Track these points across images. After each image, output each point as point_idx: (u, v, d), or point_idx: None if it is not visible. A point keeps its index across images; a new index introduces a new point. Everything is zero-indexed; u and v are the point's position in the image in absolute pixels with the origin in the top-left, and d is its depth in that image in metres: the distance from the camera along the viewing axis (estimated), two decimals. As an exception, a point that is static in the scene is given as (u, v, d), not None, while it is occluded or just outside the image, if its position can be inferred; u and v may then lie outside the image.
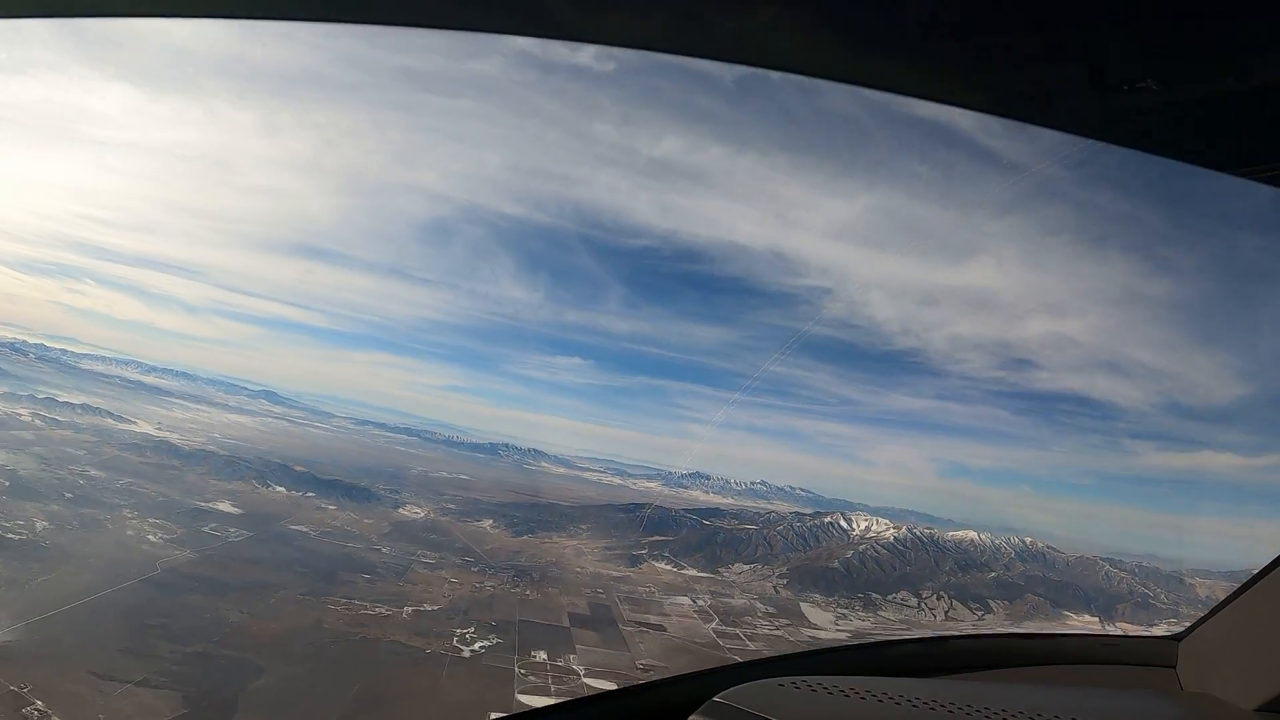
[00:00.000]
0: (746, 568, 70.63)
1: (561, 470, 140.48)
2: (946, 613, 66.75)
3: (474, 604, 49.23)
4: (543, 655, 43.00)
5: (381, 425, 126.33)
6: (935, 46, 0.88)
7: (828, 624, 57.18)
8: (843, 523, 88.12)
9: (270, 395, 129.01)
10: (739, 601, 56.83)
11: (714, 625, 51.43)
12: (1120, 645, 2.00)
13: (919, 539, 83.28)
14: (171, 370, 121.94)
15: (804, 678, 1.41)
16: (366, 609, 44.29)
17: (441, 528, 63.61)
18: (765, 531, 79.81)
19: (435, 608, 47.15)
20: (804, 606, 58.75)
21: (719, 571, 66.83)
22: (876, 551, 76.45)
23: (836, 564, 73.07)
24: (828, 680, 1.41)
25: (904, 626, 62.15)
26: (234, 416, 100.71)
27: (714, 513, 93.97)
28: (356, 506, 65.10)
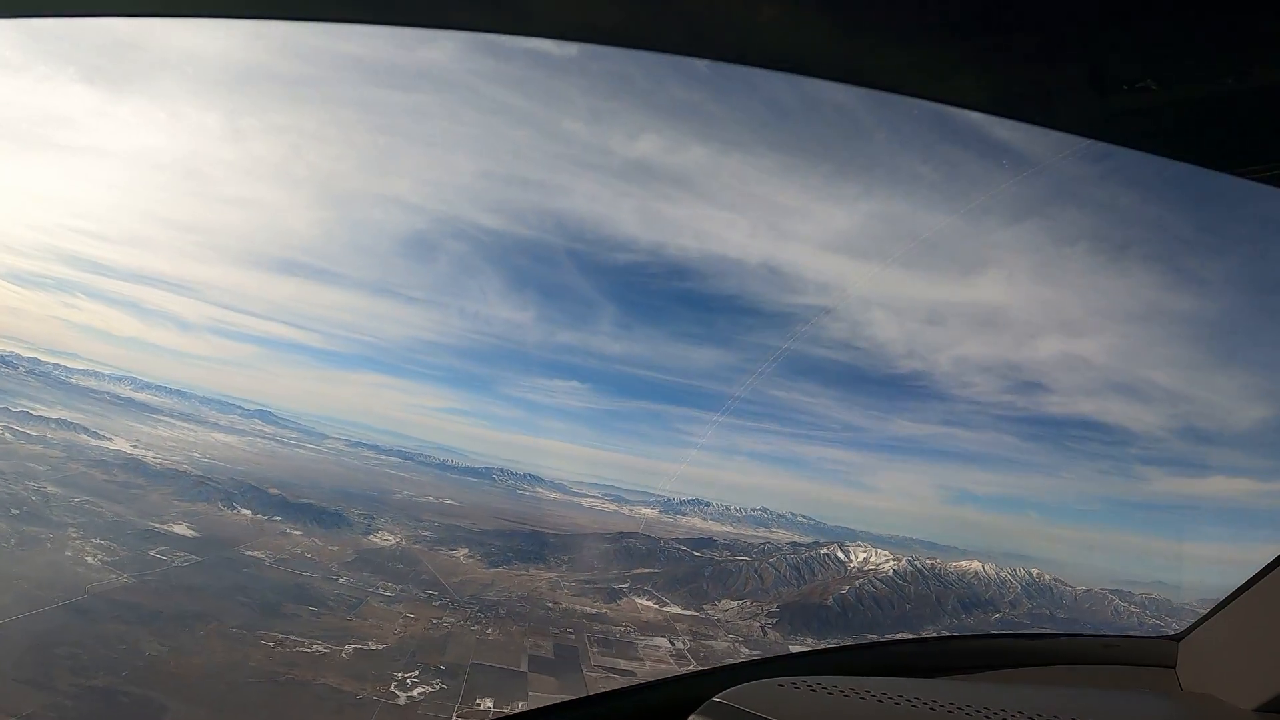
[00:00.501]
0: (734, 604, 65.83)
1: (556, 496, 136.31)
2: (951, 660, 60.91)
3: (426, 643, 45.46)
4: (489, 703, 39.00)
5: (376, 447, 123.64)
6: (935, 45, 0.88)
7: (817, 671, 52.10)
8: (840, 554, 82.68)
9: (265, 415, 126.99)
10: (721, 645, 52.12)
11: (690, 671, 46.71)
12: (1120, 646, 1.97)
13: (920, 571, 77.56)
14: (166, 387, 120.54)
15: (804, 677, 1.40)
16: (303, 646, 40.84)
17: (411, 557, 60.20)
18: (758, 564, 74.71)
19: (380, 646, 43.51)
20: (793, 651, 53.27)
21: (705, 609, 62.16)
22: (874, 586, 71.07)
23: (831, 601, 67.84)
24: (827, 680, 1.39)
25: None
26: (222, 436, 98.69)
27: (706, 543, 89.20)
28: (323, 532, 62.19)
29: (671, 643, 51.18)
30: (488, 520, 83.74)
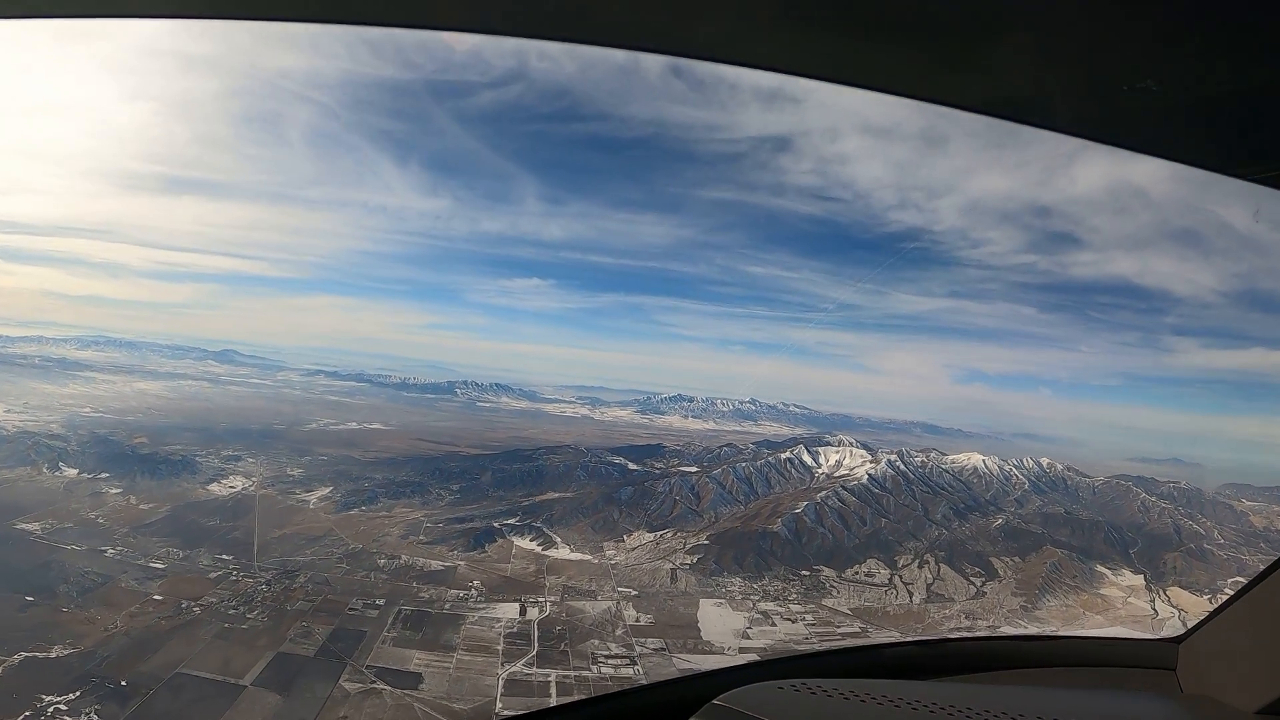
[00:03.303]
0: (651, 537, 50.12)
1: (521, 405, 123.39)
2: (930, 587, 43.47)
3: (138, 643, 33.11)
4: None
5: (335, 373, 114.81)
6: (932, 46, 0.87)
7: (728, 638, 35.95)
8: (806, 457, 64.74)
9: (226, 355, 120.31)
10: (599, 608, 36.73)
11: (516, 669, 31.60)
12: (1120, 647, 1.96)
13: (904, 474, 58.83)
14: (116, 341, 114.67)
15: (804, 680, 1.39)
16: (-54, 658, 29.10)
17: (243, 508, 48.50)
18: (696, 479, 58.25)
19: (67, 653, 32.26)
20: (704, 607, 37.99)
21: (606, 546, 46.95)
22: (840, 500, 53.33)
23: (779, 526, 50.68)
24: (827, 682, 1.38)
25: (859, 628, 40.12)
26: (146, 384, 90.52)
27: (650, 451, 72.97)
28: (152, 485, 52.11)
29: (522, 611, 36.18)
30: (405, 445, 70.96)
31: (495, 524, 46.94)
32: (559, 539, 44.86)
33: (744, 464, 56.96)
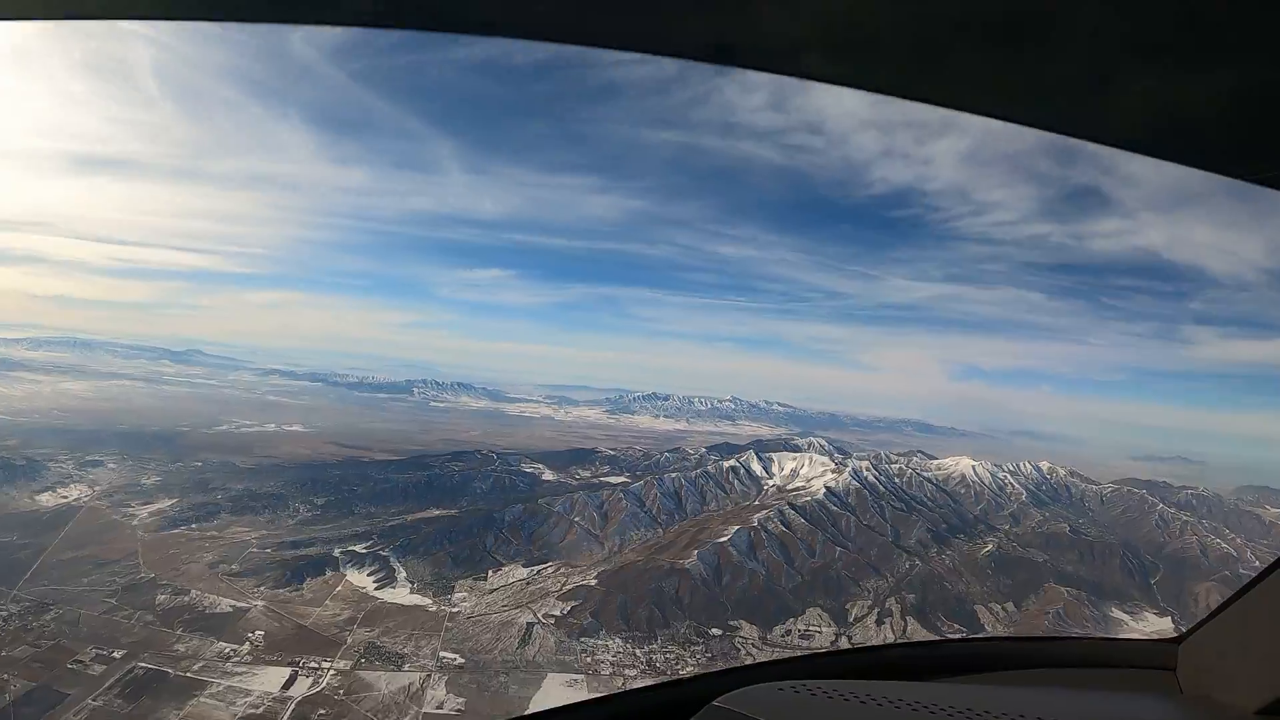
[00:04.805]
0: (524, 573, 38.51)
1: (480, 405, 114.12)
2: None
3: None
4: None
5: (290, 373, 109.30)
6: (927, 49, 0.85)
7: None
8: (755, 466, 51.91)
9: (186, 355, 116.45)
10: (397, 682, 26.06)
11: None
12: (1120, 648, 1.89)
13: (873, 486, 45.57)
14: (72, 341, 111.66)
15: (804, 682, 1.36)
16: None
17: (61, 520, 39.69)
18: (608, 496, 45.88)
19: None
20: (549, 688, 25.88)
21: (460, 586, 35.81)
22: (784, 522, 40.36)
23: (694, 560, 37.81)
24: (826, 684, 1.35)
25: None
26: (75, 385, 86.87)
27: (579, 457, 61.06)
28: None
29: (289, 681, 25.87)
30: (311, 449, 62.17)
31: (336, 551, 37.13)
32: (403, 573, 34.59)
33: (674, 475, 45.13)
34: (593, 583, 33.24)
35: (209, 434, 60.35)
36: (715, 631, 30.82)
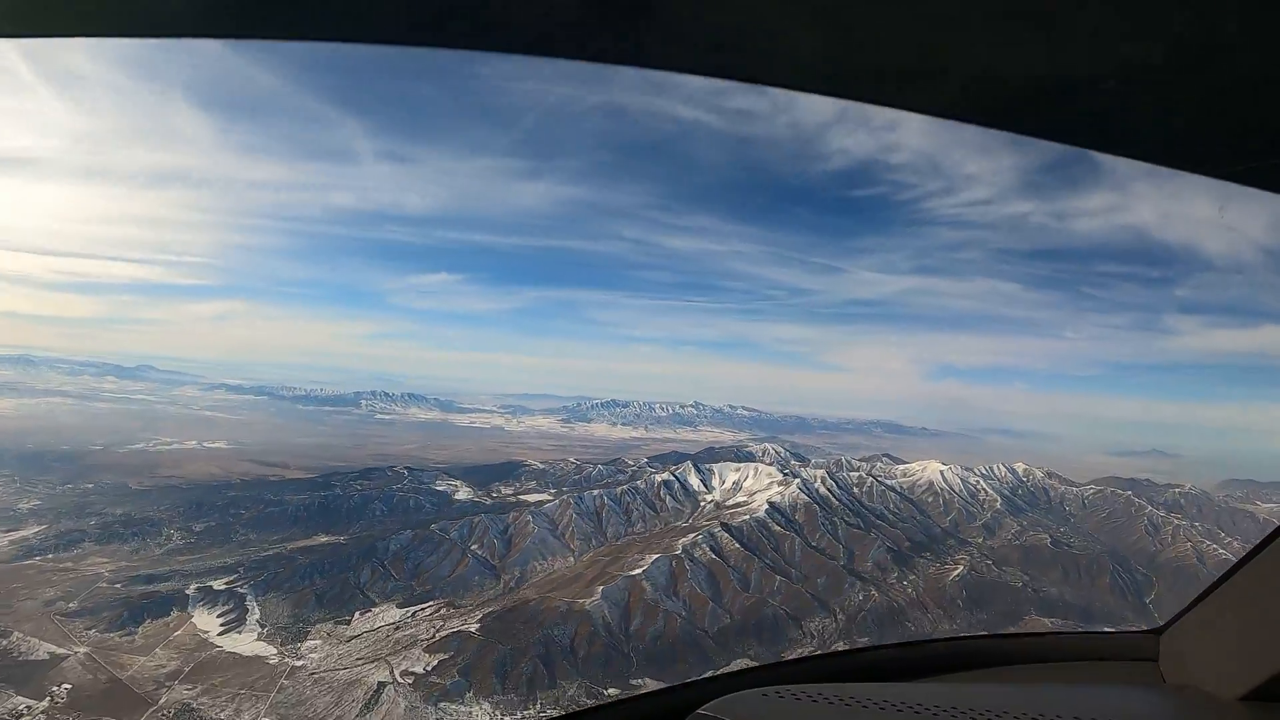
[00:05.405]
0: (397, 615, 32.53)
1: (428, 416, 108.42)
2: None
3: None
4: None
5: (237, 387, 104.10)
6: (912, 53, 0.83)
7: None
8: (693, 480, 45.75)
9: (137, 371, 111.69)
10: None
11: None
12: (1101, 640, 1.90)
13: (825, 500, 38.95)
14: (12, 359, 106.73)
15: (788, 686, 1.35)
16: None
17: None
18: (514, 519, 39.88)
19: None
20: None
21: (317, 630, 29.99)
22: (716, 548, 34.20)
23: (597, 600, 31.60)
24: (811, 688, 1.34)
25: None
26: (2, 403, 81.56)
27: (503, 473, 55.33)
28: None
29: None
30: (222, 467, 57.24)
31: (191, 587, 31.66)
32: (257, 614, 28.97)
33: (597, 493, 39.01)
34: (474, 628, 27.30)
35: (120, 453, 56.36)
36: (612, 692, 24.90)
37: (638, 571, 29.89)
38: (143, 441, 60.90)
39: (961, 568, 33.05)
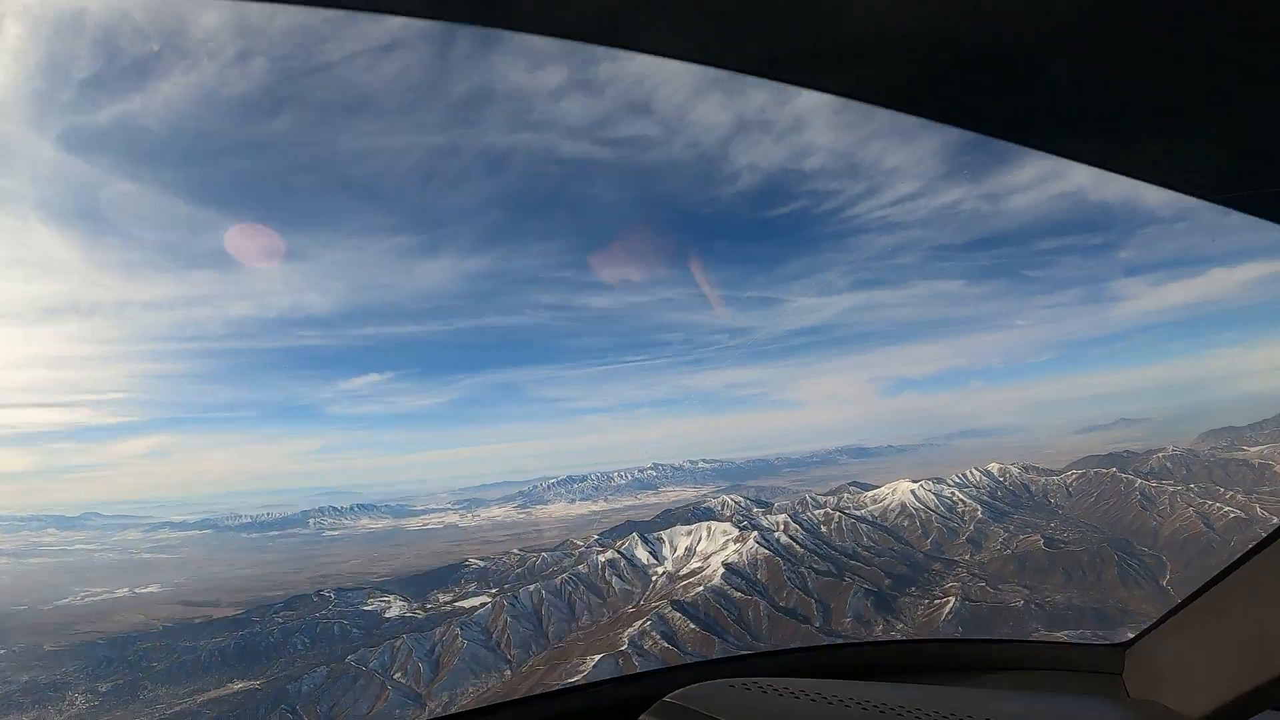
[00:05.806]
0: None
1: (380, 525, 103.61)
2: None
3: None
4: None
5: (180, 524, 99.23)
6: (913, 64, 0.82)
7: None
8: (640, 553, 42.48)
9: (81, 520, 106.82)
10: None
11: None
12: (1066, 652, 1.94)
13: (788, 550, 36.12)
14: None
15: (755, 679, 1.37)
16: None
17: None
18: (444, 632, 35.90)
19: None
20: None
21: None
22: (667, 633, 30.77)
23: None
24: (778, 681, 1.36)
25: None
26: None
27: (443, 578, 50.87)
28: None
29: None
30: (147, 617, 53.06)
31: None
32: None
33: (534, 587, 35.02)
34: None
35: (44, 611, 53.18)
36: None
37: (578, 679, 26.01)
38: (71, 595, 57.31)
39: (953, 599, 30.11)
